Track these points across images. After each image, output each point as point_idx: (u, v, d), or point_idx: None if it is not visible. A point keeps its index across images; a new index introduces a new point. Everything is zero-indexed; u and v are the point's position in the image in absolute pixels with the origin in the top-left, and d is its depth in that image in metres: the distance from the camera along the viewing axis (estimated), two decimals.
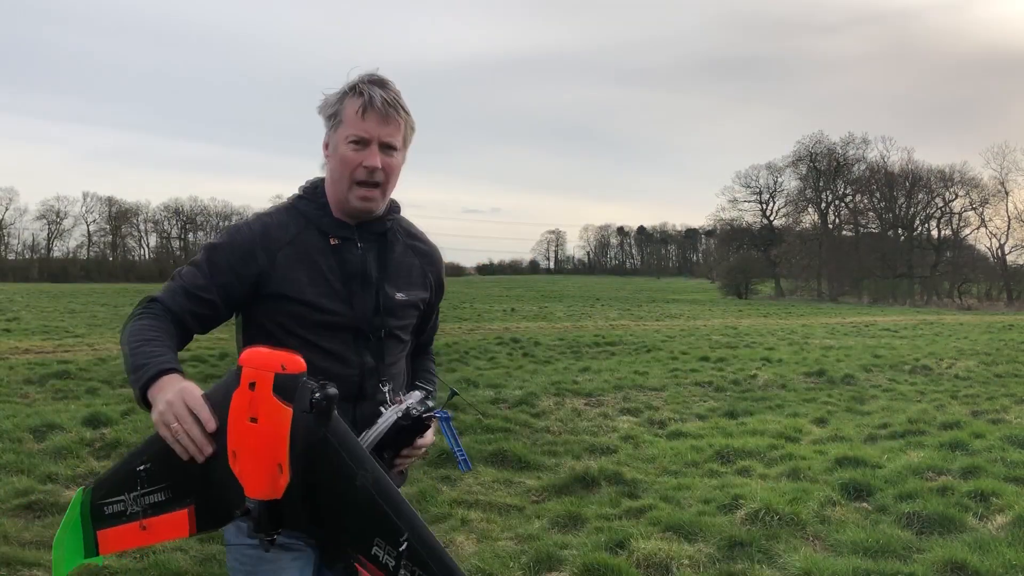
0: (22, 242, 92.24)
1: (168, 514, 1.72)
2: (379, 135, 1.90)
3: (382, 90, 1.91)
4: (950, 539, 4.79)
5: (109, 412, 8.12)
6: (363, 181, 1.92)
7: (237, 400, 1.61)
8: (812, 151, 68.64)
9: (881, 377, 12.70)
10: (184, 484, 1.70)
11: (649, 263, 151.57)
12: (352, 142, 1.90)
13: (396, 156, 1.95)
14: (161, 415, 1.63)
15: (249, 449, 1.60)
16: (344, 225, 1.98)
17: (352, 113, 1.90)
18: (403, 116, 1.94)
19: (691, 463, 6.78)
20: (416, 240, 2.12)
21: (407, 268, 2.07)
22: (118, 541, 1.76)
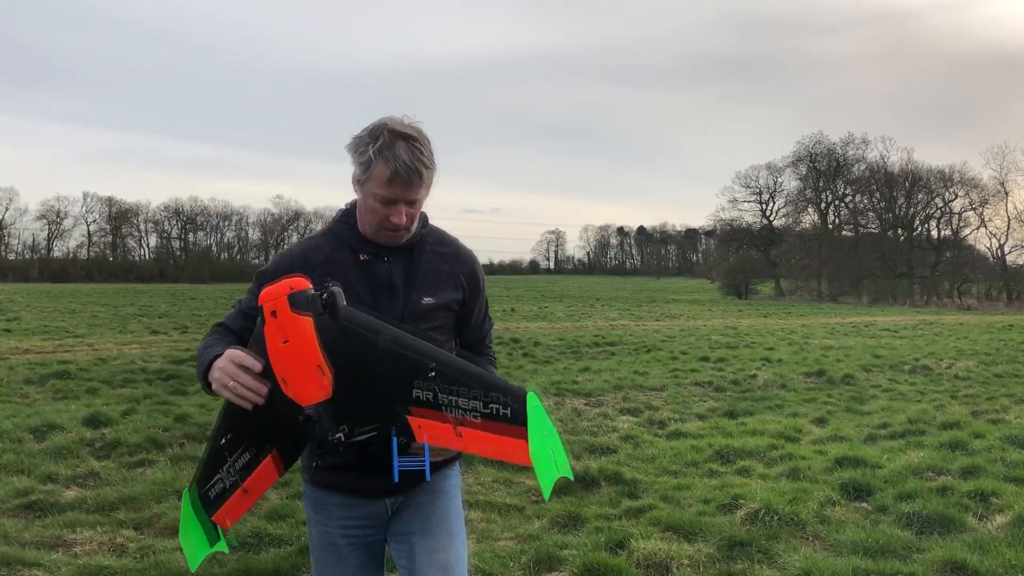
0: (22, 242, 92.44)
1: (258, 467, 2.00)
2: (404, 197, 2.09)
3: (407, 152, 2.04)
4: (950, 539, 4.79)
5: (109, 412, 8.13)
6: (390, 229, 2.14)
7: (268, 333, 1.85)
8: (812, 151, 68.71)
9: (881, 377, 12.70)
10: (260, 435, 1.97)
11: (649, 263, 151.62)
12: (380, 200, 2.09)
13: (418, 204, 2.15)
14: (217, 380, 1.92)
15: (291, 367, 1.85)
16: (372, 243, 2.19)
17: (380, 178, 2.06)
18: (425, 173, 2.09)
19: (691, 463, 6.78)
20: (445, 246, 2.29)
21: (435, 274, 2.23)
22: (231, 514, 2.05)
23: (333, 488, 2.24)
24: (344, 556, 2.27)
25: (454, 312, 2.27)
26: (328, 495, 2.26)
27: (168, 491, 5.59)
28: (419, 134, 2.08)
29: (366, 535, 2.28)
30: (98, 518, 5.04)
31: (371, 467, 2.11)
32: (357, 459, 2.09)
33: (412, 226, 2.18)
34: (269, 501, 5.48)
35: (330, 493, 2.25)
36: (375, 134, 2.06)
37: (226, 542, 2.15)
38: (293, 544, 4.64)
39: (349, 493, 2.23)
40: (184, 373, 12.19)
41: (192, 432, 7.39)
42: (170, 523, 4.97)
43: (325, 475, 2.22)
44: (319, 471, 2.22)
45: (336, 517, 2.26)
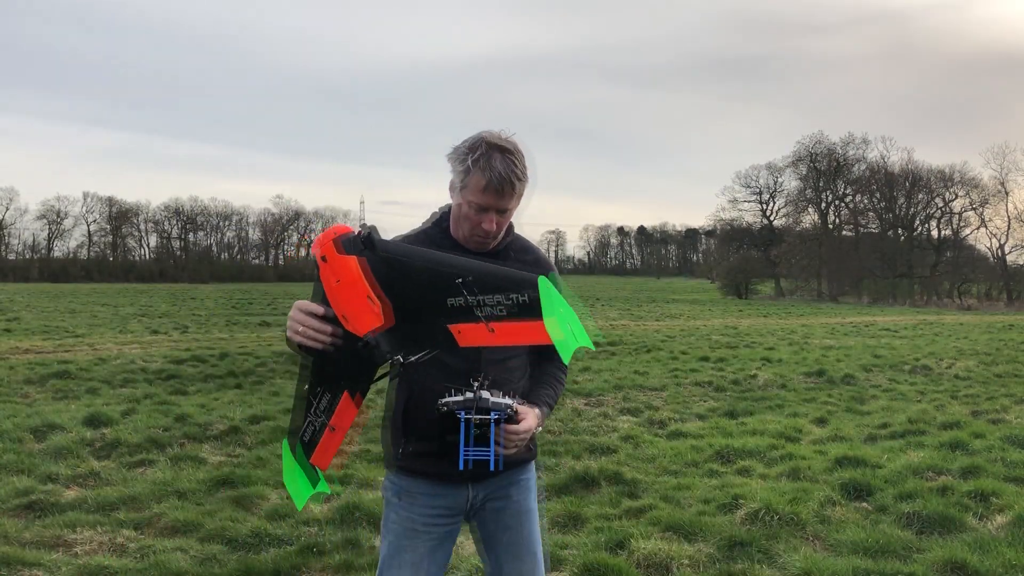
0: (22, 242, 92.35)
1: (338, 405, 2.25)
2: (496, 206, 2.26)
3: (502, 163, 2.22)
4: (950, 539, 4.79)
5: (109, 412, 8.13)
6: (480, 235, 2.31)
7: (323, 276, 2.12)
8: (812, 151, 68.60)
9: (881, 377, 12.70)
10: (335, 375, 2.23)
11: (649, 263, 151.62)
12: (473, 207, 2.26)
13: (509, 213, 2.32)
14: (289, 329, 2.15)
15: (346, 302, 2.11)
16: (461, 247, 2.35)
17: (476, 186, 2.23)
18: (518, 184, 2.26)
19: (691, 463, 6.78)
20: (527, 254, 2.45)
21: None
22: (326, 452, 2.28)
23: (418, 474, 2.38)
24: (420, 541, 2.40)
25: None
26: (415, 483, 2.39)
27: (168, 491, 5.59)
28: (515, 147, 2.25)
29: (445, 524, 2.42)
30: (98, 518, 5.04)
31: (452, 454, 2.23)
32: (437, 447, 2.26)
33: (500, 234, 2.34)
34: (269, 501, 5.49)
35: (416, 481, 2.39)
36: (474, 146, 2.23)
37: (327, 486, 2.36)
38: (293, 544, 4.64)
39: (434, 479, 2.37)
40: (184, 373, 12.20)
41: (192, 432, 7.39)
42: (170, 523, 4.97)
43: (411, 461, 2.37)
44: (405, 457, 2.37)
45: (420, 504, 2.39)
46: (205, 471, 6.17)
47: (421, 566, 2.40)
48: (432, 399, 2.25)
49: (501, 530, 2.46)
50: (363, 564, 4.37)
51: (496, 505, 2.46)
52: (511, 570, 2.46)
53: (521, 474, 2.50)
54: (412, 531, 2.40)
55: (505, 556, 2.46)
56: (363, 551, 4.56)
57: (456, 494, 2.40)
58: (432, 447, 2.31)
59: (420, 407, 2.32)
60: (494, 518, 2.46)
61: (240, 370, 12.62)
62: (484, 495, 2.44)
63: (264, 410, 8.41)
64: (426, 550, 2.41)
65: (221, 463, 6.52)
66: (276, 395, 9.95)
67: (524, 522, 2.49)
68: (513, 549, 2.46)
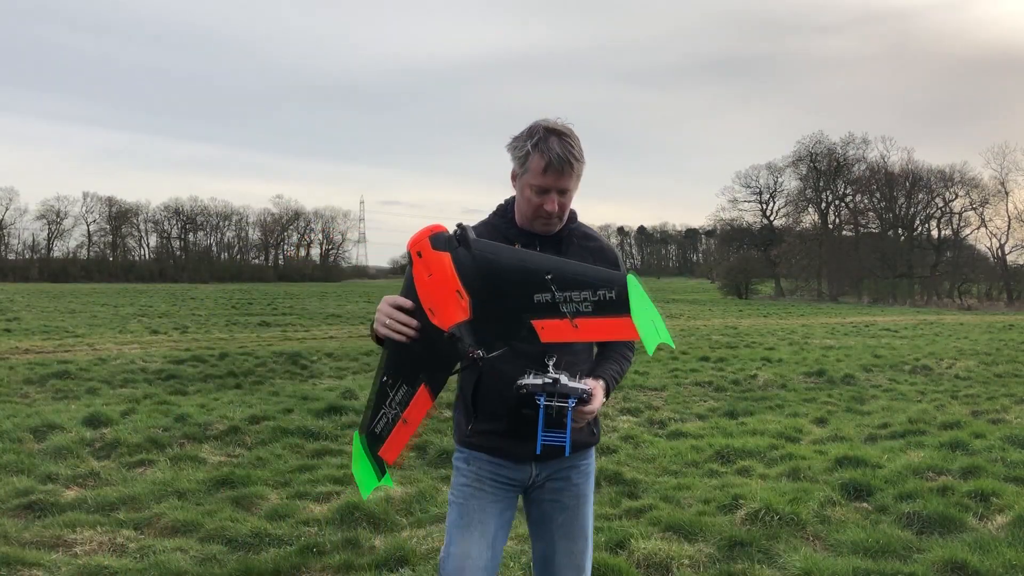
0: (22, 242, 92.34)
1: (414, 398, 2.33)
2: (557, 186, 2.38)
3: (559, 145, 2.34)
4: (950, 539, 4.79)
5: (109, 412, 8.12)
6: (543, 217, 2.42)
7: (416, 271, 2.23)
8: (812, 151, 68.51)
9: (881, 377, 12.70)
10: (413, 369, 2.33)
11: (649, 263, 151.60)
12: (535, 190, 2.38)
13: (569, 195, 2.42)
14: (377, 322, 2.29)
15: (436, 296, 2.22)
16: (526, 233, 2.48)
17: (536, 168, 2.36)
18: (576, 166, 2.39)
19: (691, 463, 6.77)
20: (590, 240, 2.56)
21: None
22: (394, 446, 2.39)
23: (483, 449, 2.50)
24: (486, 502, 2.50)
25: None
26: (480, 458, 2.52)
27: (168, 491, 5.59)
28: (570, 132, 2.38)
29: (508, 492, 2.53)
30: (98, 518, 5.04)
31: (518, 433, 2.38)
32: (506, 426, 2.40)
33: (564, 215, 2.45)
34: (269, 501, 5.49)
35: (482, 456, 2.51)
36: (532, 132, 2.37)
37: (391, 480, 2.47)
38: (293, 544, 4.64)
39: (500, 455, 2.49)
40: (184, 373, 12.20)
41: (192, 432, 7.39)
42: (170, 523, 4.97)
43: (478, 438, 2.50)
44: (474, 434, 2.50)
45: (487, 470, 2.51)
46: (205, 471, 6.17)
47: (488, 525, 2.49)
48: (501, 381, 2.35)
49: (559, 511, 2.54)
50: (363, 564, 4.37)
51: (556, 486, 2.54)
52: (563, 549, 2.54)
53: (582, 459, 2.58)
54: (480, 491, 2.50)
55: (559, 535, 2.55)
56: (363, 551, 4.56)
57: (520, 470, 2.51)
58: (499, 426, 2.44)
59: (490, 388, 2.44)
60: (552, 498, 2.54)
61: (240, 370, 12.62)
62: (546, 475, 2.53)
63: (264, 410, 8.40)
64: (493, 511, 2.50)
65: (221, 463, 6.52)
66: (276, 395, 9.94)
67: (581, 505, 2.57)
68: (567, 529, 2.55)
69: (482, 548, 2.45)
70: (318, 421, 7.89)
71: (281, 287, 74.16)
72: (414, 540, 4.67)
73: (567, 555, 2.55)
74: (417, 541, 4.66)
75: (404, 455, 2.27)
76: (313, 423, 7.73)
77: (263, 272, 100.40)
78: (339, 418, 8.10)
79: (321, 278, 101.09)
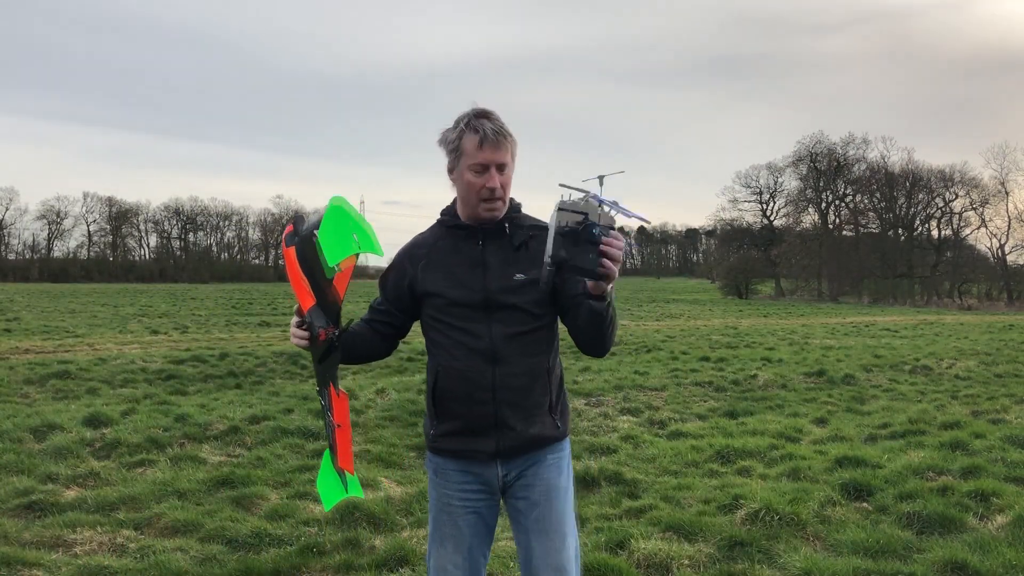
0: (22, 242, 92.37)
1: (332, 400, 2.42)
2: (494, 160, 2.38)
3: (489, 122, 2.38)
4: (950, 539, 4.78)
5: (109, 412, 8.12)
6: (487, 198, 2.41)
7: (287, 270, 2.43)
8: (812, 151, 68.54)
9: (881, 377, 12.70)
10: (319, 376, 2.50)
11: (649, 263, 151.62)
12: (475, 171, 2.39)
13: (507, 171, 2.44)
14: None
15: (294, 289, 2.38)
16: (466, 227, 2.49)
17: (471, 147, 2.38)
18: (509, 140, 2.41)
19: (691, 463, 6.77)
20: (536, 228, 2.51)
21: (526, 252, 2.47)
22: (343, 454, 2.47)
23: (448, 454, 2.52)
24: (458, 518, 2.52)
25: (550, 287, 2.47)
26: (446, 461, 2.53)
27: (168, 491, 5.59)
28: (493, 112, 2.42)
29: (479, 501, 2.52)
30: (98, 518, 5.03)
31: (478, 430, 2.43)
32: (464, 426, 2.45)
33: (506, 195, 2.46)
34: (269, 501, 5.49)
35: (447, 460, 2.53)
36: (458, 120, 2.42)
37: (360, 489, 2.54)
38: (293, 544, 4.64)
39: (463, 458, 2.50)
40: (184, 373, 12.20)
41: (192, 432, 7.39)
42: (170, 523, 4.97)
43: (443, 441, 2.52)
44: (436, 438, 2.53)
45: (454, 482, 2.52)
46: (205, 471, 6.17)
47: (462, 540, 2.51)
48: (460, 378, 2.41)
49: (530, 507, 2.52)
50: (363, 564, 4.37)
51: (525, 482, 2.52)
52: (539, 547, 2.50)
53: (550, 453, 2.54)
54: (448, 506, 2.53)
55: (533, 532, 2.51)
56: (363, 551, 4.56)
57: (486, 471, 2.50)
58: (459, 425, 2.46)
59: (449, 387, 2.45)
60: (523, 495, 2.52)
61: (240, 370, 12.62)
62: (515, 472, 2.51)
63: (264, 410, 8.40)
64: (464, 524, 2.51)
65: (221, 463, 6.52)
66: (276, 395, 9.94)
67: (552, 499, 2.52)
68: (541, 526, 2.51)
69: (457, 560, 2.51)
70: (318, 421, 7.89)
71: (281, 287, 74.08)
72: (414, 540, 4.67)
73: (544, 554, 2.48)
74: (417, 541, 4.66)
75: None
76: (313, 423, 7.73)
77: (263, 272, 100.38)
78: None
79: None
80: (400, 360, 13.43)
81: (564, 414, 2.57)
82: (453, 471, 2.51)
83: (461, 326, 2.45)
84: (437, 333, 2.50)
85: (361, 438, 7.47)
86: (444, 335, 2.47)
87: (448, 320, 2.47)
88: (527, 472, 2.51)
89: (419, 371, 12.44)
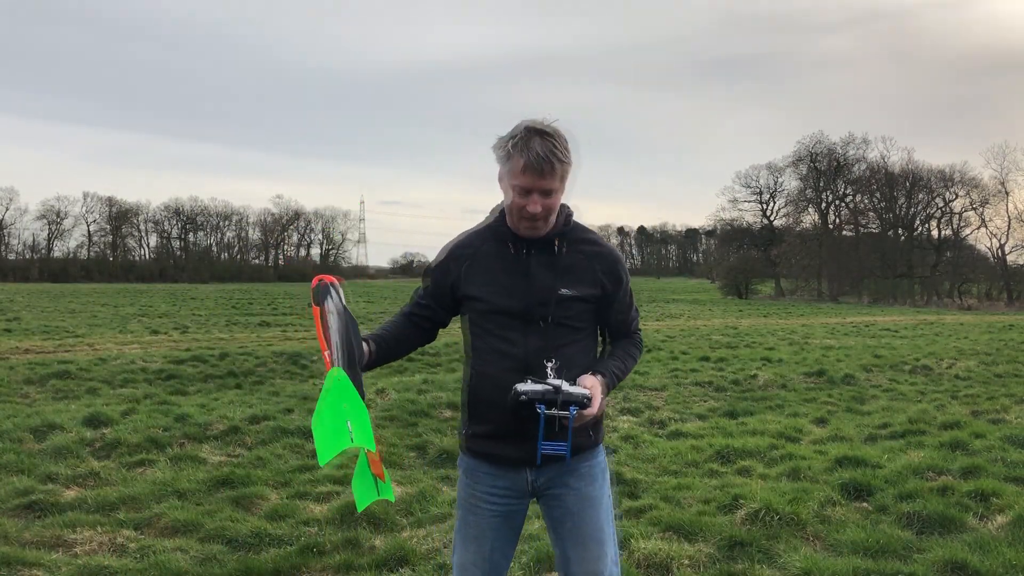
0: (22, 242, 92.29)
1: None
2: (537, 186, 2.32)
3: (541, 145, 2.29)
4: (950, 539, 4.78)
5: (109, 412, 8.12)
6: (527, 218, 2.37)
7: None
8: (812, 151, 68.46)
9: (881, 377, 12.69)
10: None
11: (649, 263, 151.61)
12: (517, 192, 2.35)
13: (554, 196, 2.36)
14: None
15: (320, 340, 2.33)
16: (516, 236, 2.44)
17: (516, 169, 2.32)
18: (559, 165, 2.32)
19: (691, 463, 6.77)
20: (587, 244, 2.51)
21: (574, 268, 2.46)
22: (374, 461, 2.42)
23: (480, 456, 2.51)
24: (482, 517, 2.53)
25: (592, 305, 2.50)
26: (478, 463, 2.53)
27: (168, 491, 5.59)
28: (555, 131, 2.33)
29: (507, 504, 2.52)
30: (98, 518, 5.03)
31: (511, 437, 2.40)
32: (503, 428, 2.40)
33: (550, 217, 2.39)
34: (269, 501, 5.49)
35: (479, 462, 2.52)
36: (513, 132, 2.34)
37: (391, 492, 2.48)
38: (293, 544, 4.64)
39: (494, 461, 2.49)
40: (184, 373, 12.20)
41: (192, 432, 7.38)
42: (170, 523, 4.97)
43: (474, 443, 2.52)
44: (469, 439, 2.53)
45: (483, 483, 2.52)
46: (205, 471, 6.17)
47: (484, 540, 2.52)
48: (491, 385, 2.39)
49: (565, 516, 2.52)
50: (363, 564, 4.37)
51: (558, 491, 2.52)
52: (576, 557, 2.51)
53: (582, 462, 2.53)
54: (475, 507, 2.53)
55: (569, 543, 2.52)
56: (363, 551, 4.56)
57: (516, 477, 2.50)
58: (492, 429, 2.45)
59: (481, 392, 2.45)
60: (558, 504, 2.53)
61: (240, 370, 12.62)
62: (545, 479, 2.51)
63: (264, 410, 8.39)
64: (488, 526, 2.52)
65: (221, 463, 6.52)
66: (276, 395, 9.94)
67: (587, 508, 2.52)
68: (577, 536, 2.51)
69: (479, 560, 2.52)
70: None
71: (281, 287, 74.11)
72: (414, 540, 4.67)
73: (580, 563, 2.50)
74: (417, 541, 4.66)
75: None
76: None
77: (263, 272, 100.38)
78: None
79: None
80: (400, 360, 13.41)
81: (598, 423, 2.58)
82: (484, 474, 2.52)
83: (499, 333, 2.44)
84: (475, 337, 2.50)
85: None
86: (481, 340, 2.47)
87: (486, 326, 2.46)
88: (559, 481, 2.51)
89: (419, 371, 12.45)
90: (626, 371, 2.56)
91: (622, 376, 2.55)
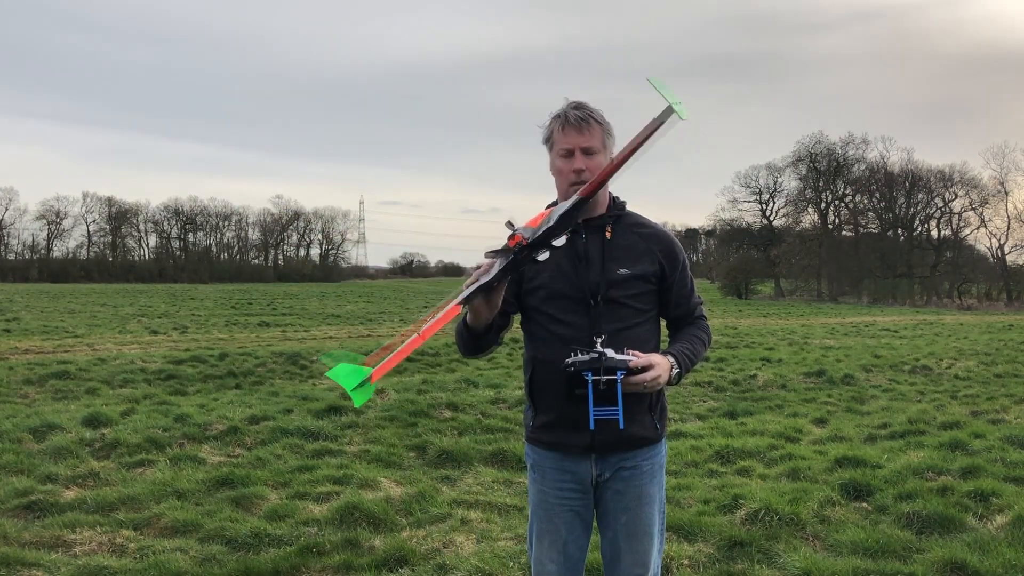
0: (22, 242, 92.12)
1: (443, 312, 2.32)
2: (578, 143, 2.43)
3: (576, 109, 2.43)
4: (950, 539, 4.78)
5: (109, 412, 8.12)
6: (575, 182, 2.43)
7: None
8: (812, 151, 68.46)
9: (881, 377, 12.70)
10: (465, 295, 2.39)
11: None
12: (561, 156, 2.46)
13: (597, 157, 2.45)
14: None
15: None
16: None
17: (557, 132, 2.47)
18: (596, 125, 2.44)
19: (691, 463, 6.77)
20: (642, 227, 2.59)
21: (631, 248, 2.54)
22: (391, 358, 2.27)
23: (543, 445, 2.57)
24: (554, 515, 2.58)
25: (652, 284, 2.56)
26: (543, 456, 2.58)
27: (168, 491, 5.59)
28: (584, 103, 2.46)
29: (575, 499, 2.57)
30: (98, 518, 5.03)
31: (572, 422, 2.43)
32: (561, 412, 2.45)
33: (596, 180, 2.37)
34: (269, 501, 5.48)
35: (544, 453, 2.57)
36: (553, 113, 2.49)
37: (369, 394, 2.30)
38: (293, 544, 4.64)
39: (559, 449, 2.53)
40: (183, 373, 12.20)
41: (192, 432, 7.38)
42: (170, 523, 4.97)
43: (538, 433, 2.58)
44: (534, 430, 2.59)
45: (549, 479, 2.58)
46: (205, 471, 6.16)
47: (558, 536, 2.58)
48: (552, 372, 2.40)
49: (620, 510, 2.58)
50: (363, 564, 4.37)
51: (617, 487, 2.56)
52: (627, 549, 2.59)
53: (642, 458, 2.57)
54: (546, 503, 2.59)
55: (622, 536, 2.59)
56: (363, 551, 4.56)
57: (580, 467, 2.53)
58: (554, 417, 2.49)
59: (542, 379, 2.49)
60: (615, 499, 2.58)
61: (239, 370, 12.62)
62: (609, 472, 2.55)
63: (264, 410, 8.39)
64: (560, 521, 2.57)
65: (221, 463, 6.51)
66: (275, 395, 9.94)
67: (643, 505, 2.59)
68: (630, 530, 2.58)
69: (553, 555, 2.58)
70: (318, 421, 7.89)
71: (281, 287, 74.15)
72: (414, 540, 4.67)
73: (631, 554, 2.59)
74: (417, 541, 4.66)
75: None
76: (313, 423, 7.73)
77: (263, 272, 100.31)
78: (339, 418, 8.09)
79: (321, 278, 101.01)
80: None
81: (663, 415, 2.62)
82: (550, 468, 2.56)
83: (561, 318, 2.49)
84: (535, 325, 2.54)
85: (361, 438, 7.47)
86: (542, 327, 2.52)
87: (549, 311, 2.51)
88: (621, 475, 2.55)
89: (419, 371, 12.45)
90: (695, 352, 2.57)
91: (692, 356, 2.54)
